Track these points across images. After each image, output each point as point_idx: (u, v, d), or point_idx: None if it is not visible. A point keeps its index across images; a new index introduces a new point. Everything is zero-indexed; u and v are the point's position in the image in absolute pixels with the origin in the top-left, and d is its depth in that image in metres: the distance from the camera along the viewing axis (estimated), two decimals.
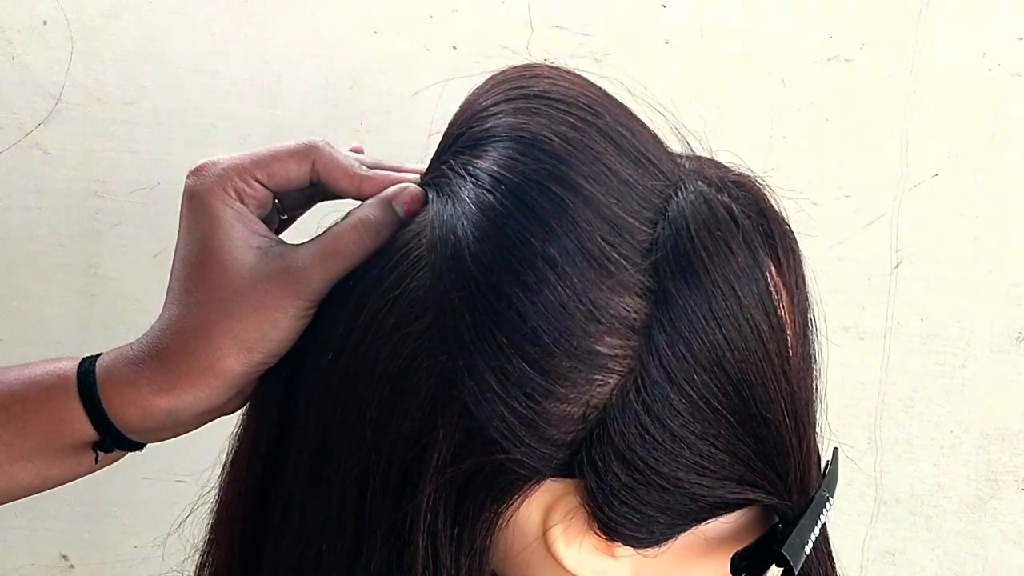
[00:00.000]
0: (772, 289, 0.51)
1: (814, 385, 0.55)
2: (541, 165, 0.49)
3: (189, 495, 0.60)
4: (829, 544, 0.58)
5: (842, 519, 1.00)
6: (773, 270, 0.52)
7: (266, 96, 0.95)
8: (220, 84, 0.95)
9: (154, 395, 0.53)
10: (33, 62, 0.93)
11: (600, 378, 0.48)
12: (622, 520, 0.49)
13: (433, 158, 0.55)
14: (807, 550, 0.53)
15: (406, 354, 0.49)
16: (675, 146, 0.56)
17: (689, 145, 0.57)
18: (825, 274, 0.95)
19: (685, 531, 0.51)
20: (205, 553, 0.59)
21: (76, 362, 0.56)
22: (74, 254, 0.97)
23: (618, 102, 0.54)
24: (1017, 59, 0.93)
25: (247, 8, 0.94)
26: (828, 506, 0.54)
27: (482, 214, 0.49)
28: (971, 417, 0.99)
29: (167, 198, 0.94)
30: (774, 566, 0.53)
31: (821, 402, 0.56)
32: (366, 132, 0.95)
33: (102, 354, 0.56)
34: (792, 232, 0.54)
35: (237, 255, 0.54)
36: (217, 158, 0.56)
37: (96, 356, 0.56)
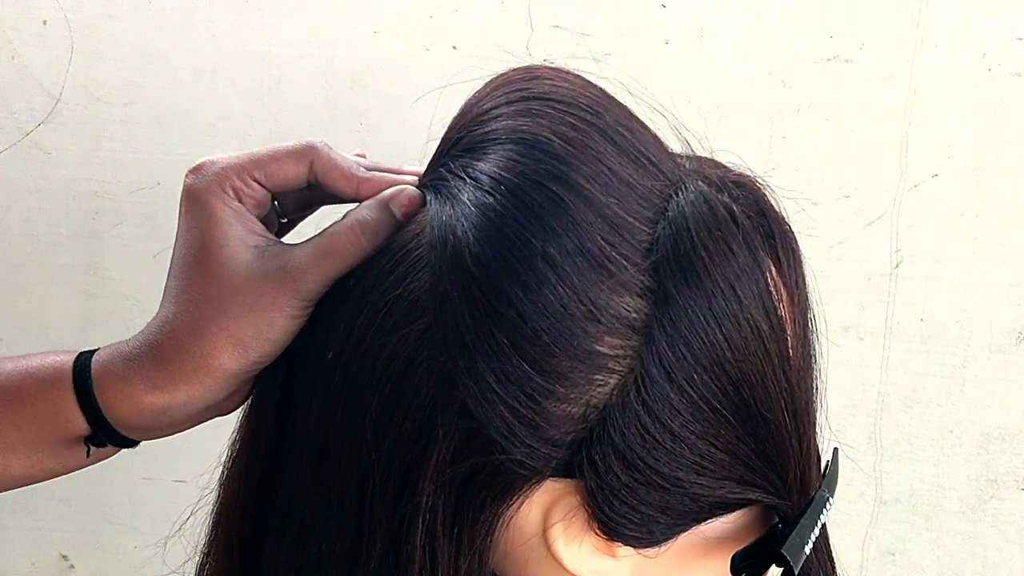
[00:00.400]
0: (772, 289, 0.51)
1: (814, 385, 0.55)
2: (541, 165, 0.49)
3: (189, 495, 0.60)
4: (829, 544, 0.58)
5: (842, 519, 1.00)
6: (773, 270, 0.52)
7: (266, 96, 0.95)
8: (220, 84, 0.95)
9: (148, 392, 0.53)
10: (33, 62, 0.93)
11: (600, 378, 0.48)
12: (622, 520, 0.49)
13: (431, 161, 0.55)
14: (807, 550, 0.53)
15: (406, 354, 0.49)
16: (675, 146, 0.56)
17: (689, 145, 0.57)
18: (825, 274, 0.95)
19: (685, 531, 0.51)
20: (205, 555, 0.59)
21: (72, 356, 0.56)
22: (74, 254, 0.97)
23: (618, 102, 0.54)
24: (1017, 59, 0.93)
25: (247, 8, 0.94)
26: (828, 506, 0.54)
27: (482, 215, 0.49)
28: (971, 417, 0.99)
29: (167, 198, 0.94)
30: (774, 566, 0.53)
31: (821, 402, 0.56)
32: (366, 132, 0.95)
33: (98, 349, 0.56)
34: (792, 232, 0.54)
35: (234, 254, 0.54)
36: (216, 157, 0.56)
37: (93, 351, 0.56)
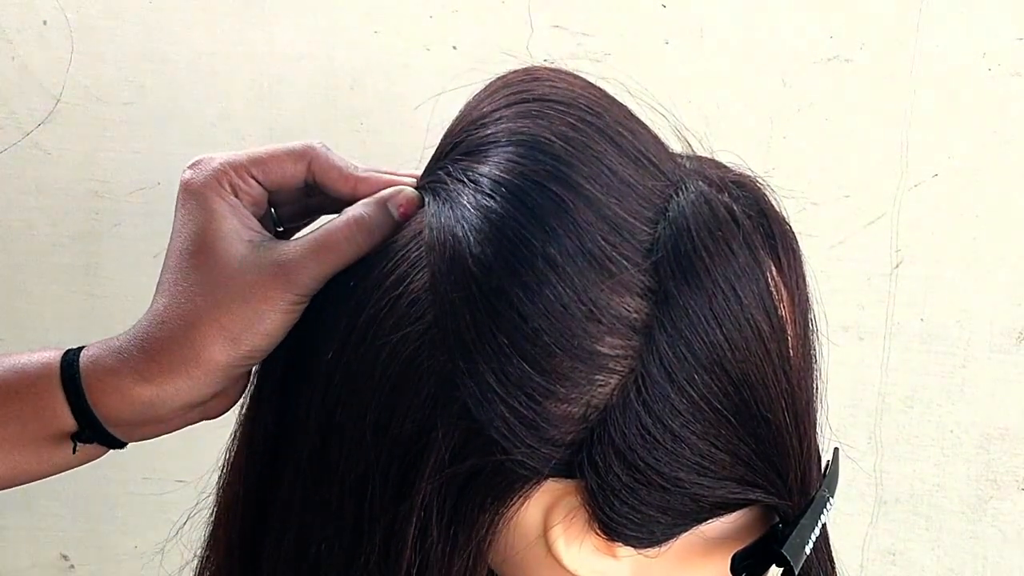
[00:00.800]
0: (773, 289, 0.51)
1: (814, 385, 0.55)
2: (541, 166, 0.49)
3: (189, 495, 0.60)
4: (829, 544, 0.58)
5: (842, 519, 1.00)
6: (774, 270, 0.52)
7: (266, 96, 0.95)
8: (220, 84, 0.95)
9: (136, 384, 0.53)
10: (33, 62, 0.93)
11: (601, 378, 0.48)
12: (623, 520, 0.49)
13: (430, 163, 0.55)
14: (807, 550, 0.53)
15: (406, 355, 0.49)
16: (675, 146, 0.56)
17: (689, 145, 0.57)
18: (825, 274, 0.95)
19: (686, 531, 0.51)
20: (205, 555, 0.59)
21: (61, 352, 0.56)
22: (74, 254, 0.97)
23: (618, 103, 0.54)
24: (1017, 59, 0.93)
25: (247, 8, 0.94)
26: (828, 506, 0.54)
27: (482, 216, 0.49)
28: (971, 417, 0.99)
29: (167, 198, 0.93)
30: (774, 566, 0.53)
31: (821, 402, 0.56)
32: (366, 132, 0.95)
33: (87, 345, 0.56)
34: (793, 232, 0.55)
35: (228, 247, 0.54)
36: (214, 153, 0.56)
37: (82, 347, 0.56)
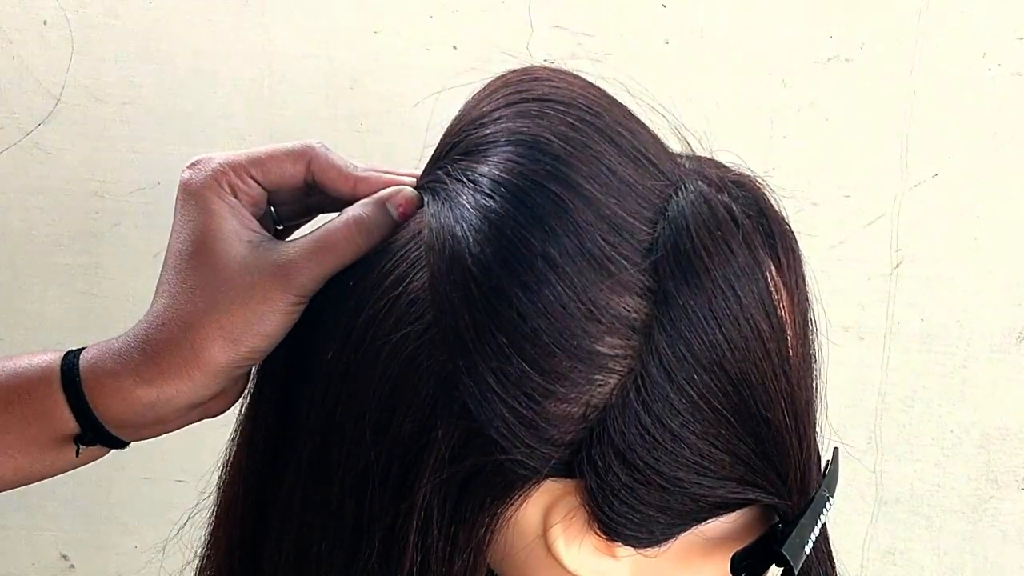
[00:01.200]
0: (772, 289, 0.51)
1: (814, 385, 0.55)
2: (540, 165, 0.49)
3: (189, 495, 0.60)
4: (829, 544, 0.58)
5: (842, 519, 1.00)
6: (773, 270, 0.52)
7: (266, 96, 0.95)
8: (220, 84, 0.95)
9: (136, 386, 0.53)
10: (33, 62, 0.93)
11: (600, 378, 0.48)
12: (622, 520, 0.49)
13: (429, 163, 0.55)
14: (807, 550, 0.53)
15: (406, 354, 0.49)
16: (675, 146, 0.56)
17: (689, 145, 0.57)
18: (825, 274, 0.95)
19: (685, 531, 0.51)
20: (205, 556, 0.59)
21: (60, 354, 0.55)
22: (74, 254, 0.97)
23: (618, 102, 0.54)
24: (1017, 59, 0.93)
25: (247, 8, 0.94)
26: (828, 506, 0.54)
27: (482, 216, 0.49)
28: (971, 417, 0.99)
29: (167, 198, 0.93)
30: (774, 566, 0.53)
31: (821, 402, 0.56)
32: (366, 132, 0.95)
33: (87, 347, 0.56)
34: (792, 232, 0.54)
35: (228, 247, 0.53)
36: (213, 154, 0.56)
37: (81, 349, 0.56)
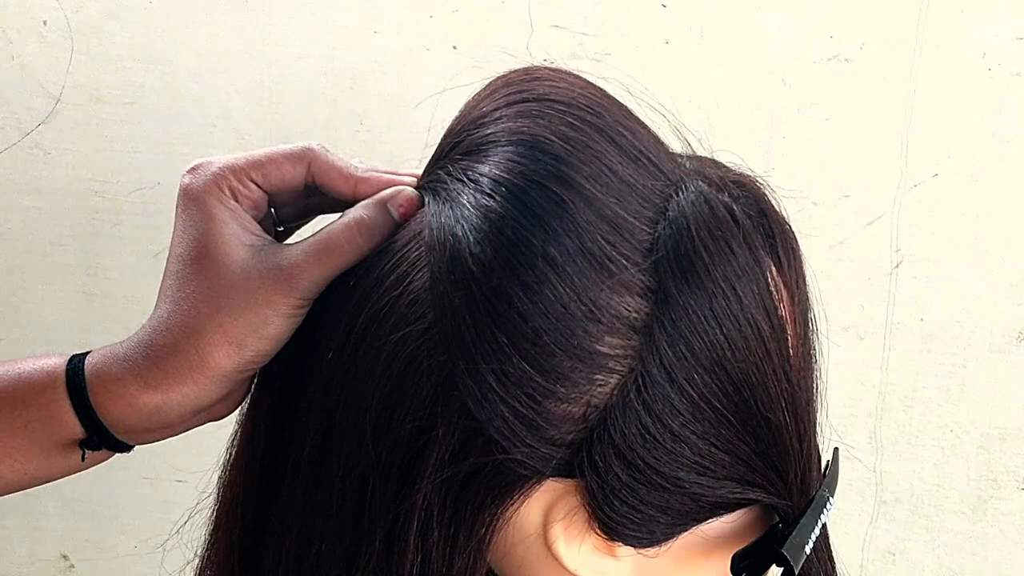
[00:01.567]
0: (773, 289, 0.51)
1: (814, 385, 0.55)
2: (541, 166, 0.49)
3: (189, 495, 0.60)
4: (829, 544, 0.58)
5: (842, 519, 1.00)
6: (774, 270, 0.52)
7: (266, 96, 0.95)
8: (220, 84, 0.95)
9: (142, 392, 0.53)
10: (33, 62, 0.93)
11: (601, 378, 0.48)
12: (623, 520, 0.49)
13: (429, 164, 0.55)
14: (807, 550, 0.53)
15: (406, 354, 0.49)
16: (675, 146, 0.56)
17: (689, 145, 0.57)
18: (825, 274, 0.95)
19: (686, 531, 0.51)
20: (205, 556, 0.59)
21: (65, 359, 0.55)
22: (74, 254, 0.97)
23: (618, 102, 0.54)
24: (1017, 59, 0.93)
25: (247, 8, 0.94)
26: (828, 506, 0.54)
27: (482, 216, 0.49)
28: (971, 417, 0.99)
29: (167, 198, 0.94)
30: (774, 566, 0.53)
31: (821, 402, 0.56)
32: (366, 132, 0.95)
33: (91, 351, 0.56)
34: (793, 232, 0.55)
35: (230, 252, 0.53)
36: (213, 158, 0.56)
37: (85, 353, 0.56)
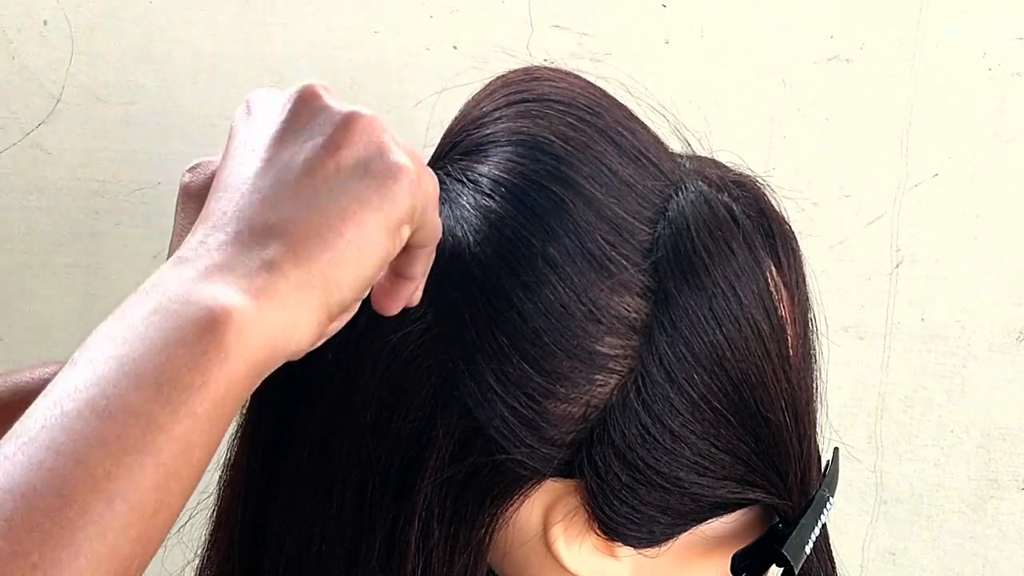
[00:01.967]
0: (773, 289, 0.51)
1: (814, 385, 0.55)
2: (541, 166, 0.49)
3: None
4: (829, 544, 0.58)
5: (842, 519, 1.00)
6: (774, 270, 0.52)
7: None
8: (220, 84, 0.94)
9: None
10: (33, 62, 0.93)
11: (600, 378, 0.48)
12: (623, 520, 0.49)
13: (429, 163, 0.55)
14: (807, 550, 0.53)
15: (406, 355, 0.49)
16: (675, 146, 0.56)
17: (689, 145, 0.57)
18: (825, 274, 0.94)
19: (685, 531, 0.51)
20: (206, 556, 0.59)
21: (61, 366, 0.55)
22: (74, 254, 0.97)
23: (618, 102, 0.54)
24: (1017, 59, 0.93)
25: (247, 8, 0.94)
26: (829, 506, 0.54)
27: (482, 216, 0.49)
28: (971, 417, 0.99)
29: (167, 198, 0.93)
30: (775, 566, 0.53)
31: (821, 402, 0.56)
32: None
33: None
34: (793, 232, 0.55)
35: None
36: (213, 157, 0.56)
37: None
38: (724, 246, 0.50)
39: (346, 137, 0.43)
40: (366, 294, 0.44)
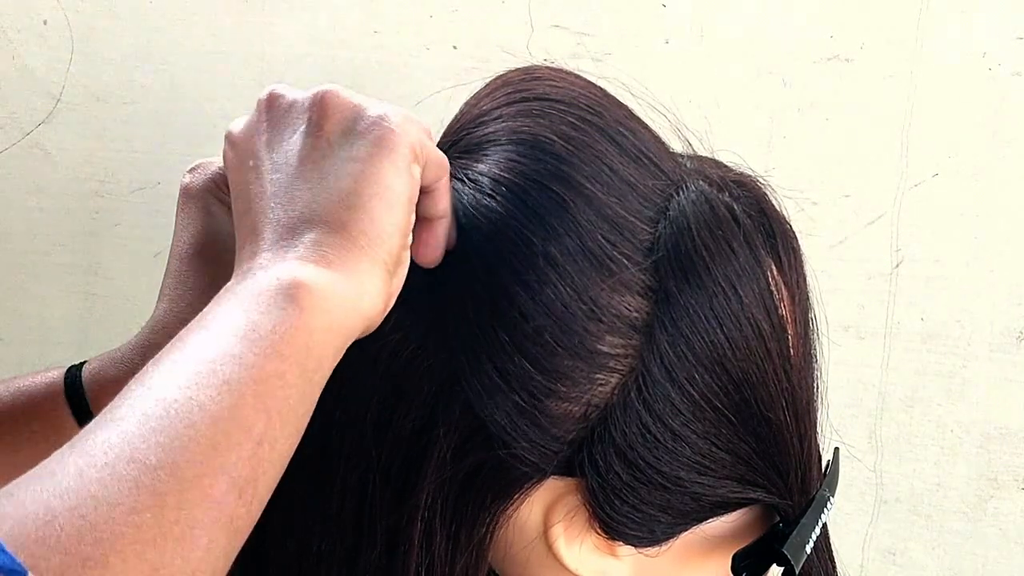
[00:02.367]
0: (773, 288, 0.51)
1: (815, 385, 0.55)
2: (542, 165, 0.49)
3: None
4: (830, 543, 0.58)
5: (842, 519, 1.00)
6: (774, 269, 0.52)
7: None
8: (220, 84, 0.94)
9: None
10: (33, 62, 0.93)
11: (601, 377, 0.48)
12: (623, 519, 0.49)
13: None
14: (808, 549, 0.53)
15: (407, 353, 0.49)
16: (676, 146, 0.56)
17: (690, 145, 0.57)
18: (825, 274, 0.94)
19: (686, 530, 0.51)
20: None
21: (63, 371, 0.55)
22: (74, 254, 0.97)
23: (619, 102, 0.54)
24: (1017, 59, 0.93)
25: (247, 8, 0.94)
26: (829, 506, 0.54)
27: (483, 215, 0.49)
28: (971, 417, 0.99)
29: (167, 198, 0.93)
30: (775, 565, 0.53)
31: (821, 402, 0.56)
32: None
33: (88, 360, 0.56)
34: (793, 232, 0.55)
35: (229, 251, 0.53)
36: (213, 158, 0.56)
37: (84, 363, 0.56)
38: (725, 245, 0.50)
39: (322, 115, 0.47)
40: (409, 240, 0.47)
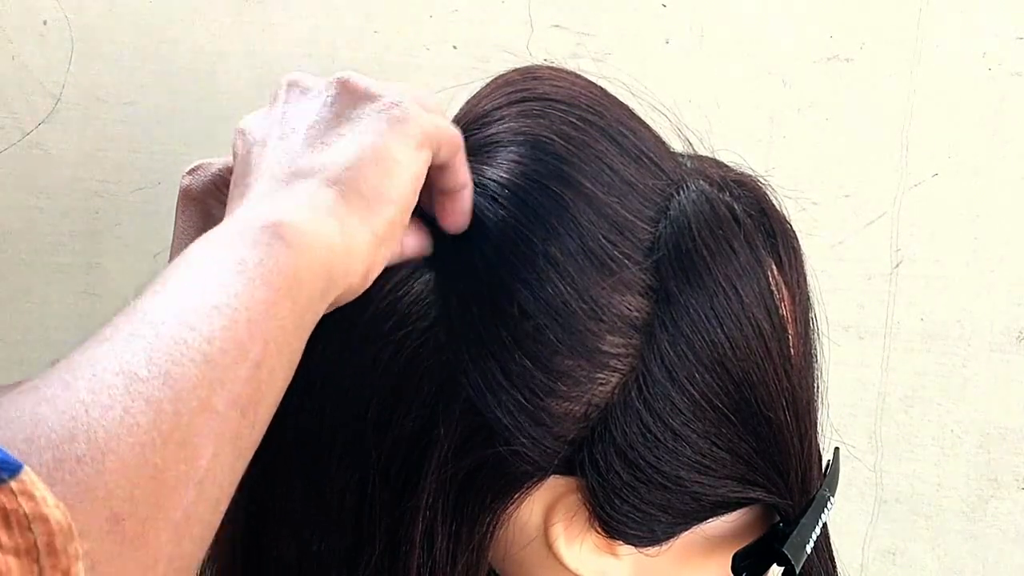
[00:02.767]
0: (774, 288, 0.51)
1: (815, 384, 0.55)
2: (542, 165, 0.49)
3: None
4: (830, 543, 0.58)
5: (842, 519, 1.00)
6: (775, 269, 0.52)
7: (266, 96, 0.95)
8: (220, 84, 0.94)
9: None
10: (33, 62, 0.93)
11: (602, 376, 0.48)
12: (623, 519, 0.49)
13: None
14: (808, 549, 0.53)
15: (408, 352, 0.49)
16: (676, 145, 0.56)
17: (690, 145, 0.57)
18: (825, 274, 0.94)
19: (686, 530, 0.51)
20: (207, 556, 0.59)
21: None
22: (74, 254, 0.97)
23: (619, 102, 0.54)
24: (1017, 59, 0.93)
25: (247, 8, 0.94)
26: (829, 505, 0.54)
27: (483, 214, 0.49)
28: (971, 417, 0.99)
29: (167, 198, 0.93)
30: (775, 565, 0.53)
31: (821, 402, 0.56)
32: None
33: None
34: (794, 231, 0.55)
35: None
36: (213, 159, 0.56)
37: None
38: (725, 245, 0.50)
39: (339, 93, 0.49)
40: (406, 219, 0.47)
